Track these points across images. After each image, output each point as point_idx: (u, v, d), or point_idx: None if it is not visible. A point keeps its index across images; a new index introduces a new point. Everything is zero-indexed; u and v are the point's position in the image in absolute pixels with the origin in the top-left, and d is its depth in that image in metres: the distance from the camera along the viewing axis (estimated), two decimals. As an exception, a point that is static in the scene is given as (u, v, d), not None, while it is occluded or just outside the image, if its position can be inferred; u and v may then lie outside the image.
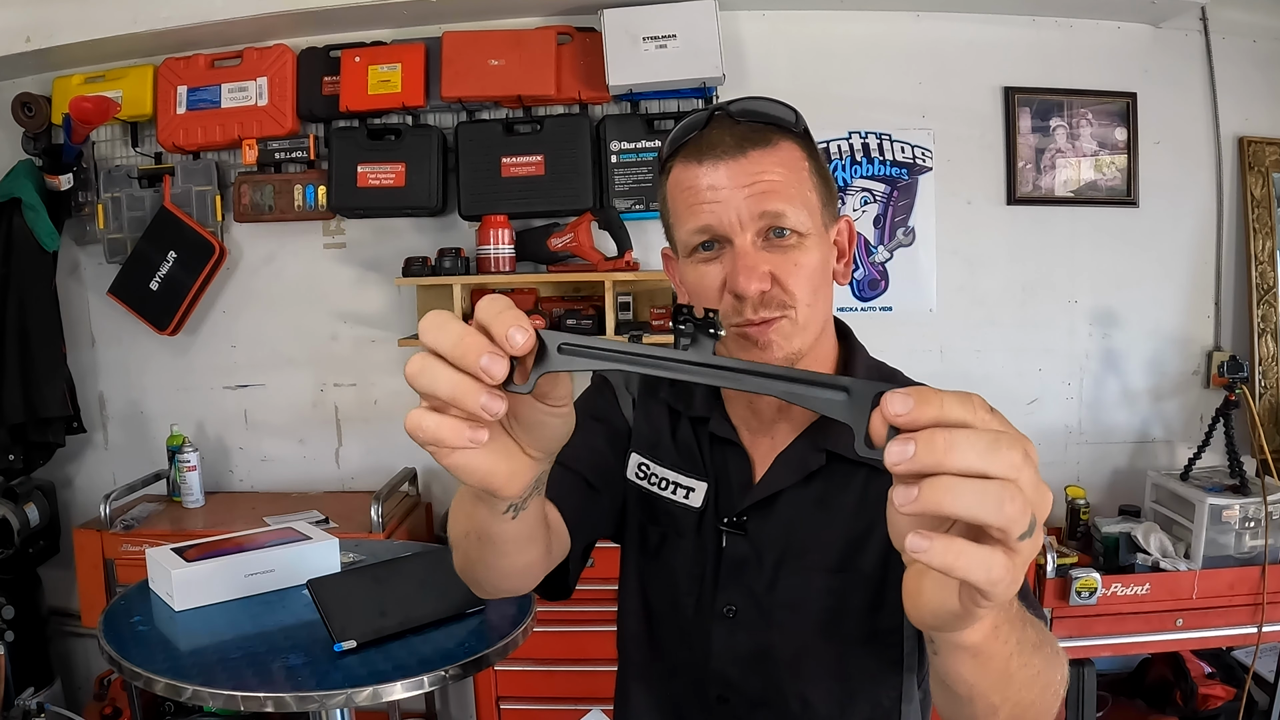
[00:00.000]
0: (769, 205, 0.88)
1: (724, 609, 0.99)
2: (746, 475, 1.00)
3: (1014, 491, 0.46)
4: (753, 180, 0.88)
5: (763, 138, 0.90)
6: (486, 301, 0.57)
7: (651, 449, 1.06)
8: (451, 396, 0.54)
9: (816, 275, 0.91)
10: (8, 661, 2.44)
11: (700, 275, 0.92)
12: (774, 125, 0.91)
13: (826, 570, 0.96)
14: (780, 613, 0.97)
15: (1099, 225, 2.71)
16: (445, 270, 2.55)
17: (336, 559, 1.63)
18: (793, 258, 0.89)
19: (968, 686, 0.66)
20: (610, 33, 2.47)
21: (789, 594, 0.97)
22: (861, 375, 1.00)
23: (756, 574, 0.98)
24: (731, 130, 0.90)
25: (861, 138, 2.68)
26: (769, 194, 0.88)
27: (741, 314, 0.90)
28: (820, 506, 0.96)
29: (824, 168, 0.95)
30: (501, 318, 0.55)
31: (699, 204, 0.90)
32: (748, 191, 0.88)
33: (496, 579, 0.84)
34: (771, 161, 0.89)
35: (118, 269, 2.70)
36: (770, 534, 0.98)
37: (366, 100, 2.55)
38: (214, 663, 1.28)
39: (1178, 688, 2.51)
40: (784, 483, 0.97)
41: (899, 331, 2.70)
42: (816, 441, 0.97)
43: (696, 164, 0.90)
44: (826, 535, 0.96)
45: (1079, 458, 2.78)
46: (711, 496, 1.01)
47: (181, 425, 2.75)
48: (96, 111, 2.41)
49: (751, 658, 0.98)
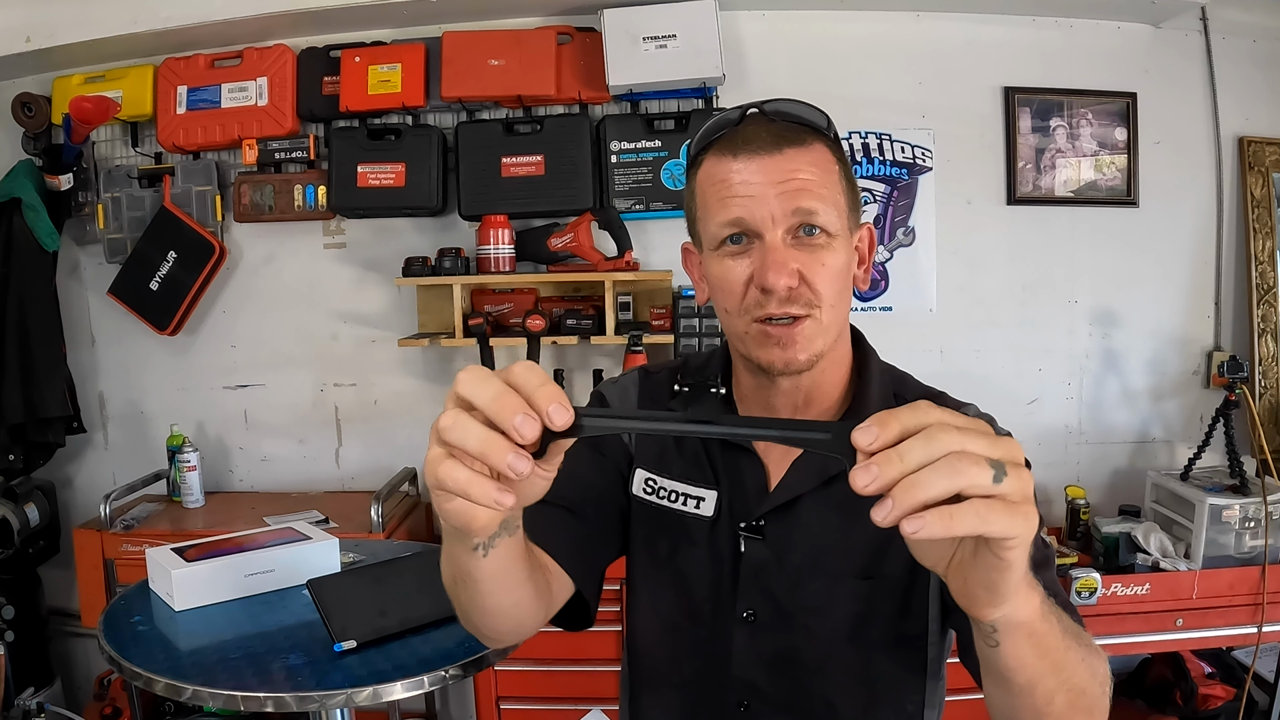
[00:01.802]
0: (802, 202, 0.88)
1: (743, 614, 0.99)
2: (761, 480, 1.00)
3: (962, 456, 0.53)
4: (787, 177, 0.88)
5: (798, 137, 0.90)
6: (525, 370, 0.60)
7: (658, 463, 1.05)
8: (481, 451, 0.57)
9: (842, 277, 0.92)
10: (8, 661, 2.44)
11: (726, 269, 0.92)
12: (808, 126, 0.92)
13: (854, 575, 0.96)
14: (804, 616, 0.97)
15: (1099, 225, 2.71)
16: (445, 270, 2.55)
17: (336, 559, 1.63)
18: (820, 257, 0.90)
19: (1028, 673, 0.70)
20: (610, 33, 2.47)
21: (815, 598, 0.96)
22: (875, 380, 1.01)
23: (777, 577, 0.97)
24: (767, 127, 0.91)
25: (861, 138, 2.68)
26: (803, 191, 0.88)
27: (765, 308, 0.90)
28: (844, 511, 0.96)
29: (851, 174, 0.96)
30: (544, 391, 0.58)
31: (731, 197, 0.90)
32: (782, 188, 0.88)
33: (491, 620, 0.86)
34: (806, 160, 0.89)
35: (118, 269, 2.70)
36: (792, 538, 0.97)
37: (366, 100, 2.55)
38: (214, 663, 1.28)
39: (1178, 688, 2.51)
40: (803, 487, 0.97)
41: (899, 331, 2.70)
42: None
43: (731, 158, 0.90)
44: (853, 540, 0.96)
45: (1079, 458, 2.78)
46: (724, 503, 1.01)
47: (181, 425, 2.75)
48: (96, 111, 2.41)
49: (776, 661, 0.98)
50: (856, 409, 0.98)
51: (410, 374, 2.80)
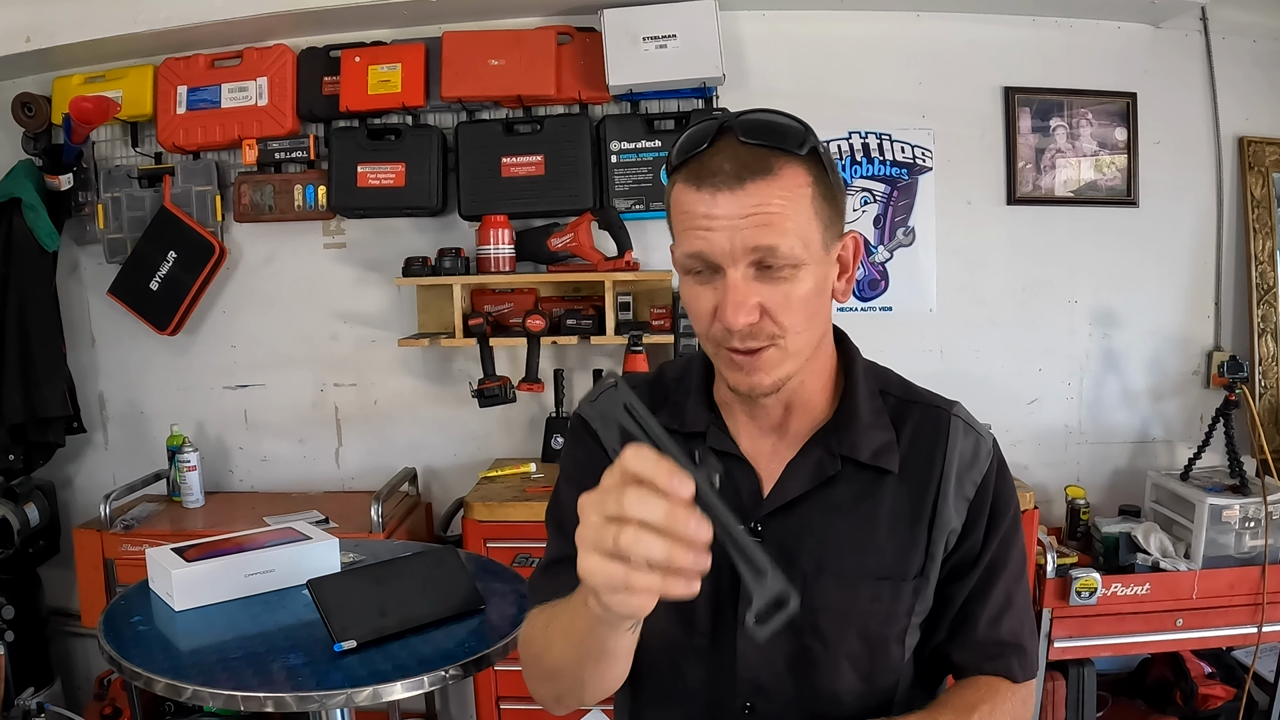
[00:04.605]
0: (762, 240, 0.87)
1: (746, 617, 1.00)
2: (754, 485, 1.00)
3: None
4: (748, 213, 0.87)
5: (764, 165, 0.88)
6: (653, 503, 0.67)
7: None
8: (668, 560, 0.67)
9: (811, 303, 0.91)
10: (8, 661, 2.44)
11: (694, 295, 0.93)
12: (778, 148, 0.89)
13: (868, 575, 0.97)
14: (814, 616, 0.97)
15: (1099, 225, 2.71)
16: (445, 270, 2.55)
17: (336, 559, 1.63)
18: (783, 290, 0.89)
19: None
20: (610, 33, 2.47)
21: (825, 598, 0.97)
22: (860, 382, 1.02)
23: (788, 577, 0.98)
24: (733, 156, 0.88)
25: (861, 138, 2.68)
26: (763, 228, 0.87)
27: (729, 340, 0.91)
28: (849, 512, 0.97)
29: (832, 185, 0.93)
30: (686, 523, 0.67)
31: (693, 229, 0.89)
32: (742, 224, 0.87)
33: (610, 685, 0.95)
34: (769, 193, 0.87)
35: (118, 269, 2.70)
36: (795, 539, 0.98)
37: (366, 100, 2.55)
38: (214, 663, 1.28)
39: (1178, 688, 2.51)
40: (800, 489, 0.98)
41: (899, 331, 2.70)
42: (830, 447, 0.98)
43: (695, 189, 0.89)
44: (863, 541, 0.97)
45: (1079, 458, 2.78)
46: None
47: (181, 425, 2.75)
48: (96, 111, 2.41)
49: (786, 661, 0.99)
50: (844, 412, 0.99)
51: (410, 374, 2.80)
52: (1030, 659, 1.01)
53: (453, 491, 2.79)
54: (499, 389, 2.53)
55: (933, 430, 1.00)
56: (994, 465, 1.01)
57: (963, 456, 0.99)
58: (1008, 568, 1.00)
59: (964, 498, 0.99)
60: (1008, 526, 1.00)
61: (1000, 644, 1.00)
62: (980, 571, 0.99)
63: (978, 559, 0.99)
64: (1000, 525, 1.00)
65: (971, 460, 0.99)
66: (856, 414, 0.99)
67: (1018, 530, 1.02)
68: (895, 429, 1.00)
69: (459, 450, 2.82)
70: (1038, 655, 1.04)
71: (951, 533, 0.99)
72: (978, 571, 0.99)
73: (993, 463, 1.01)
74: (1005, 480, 1.02)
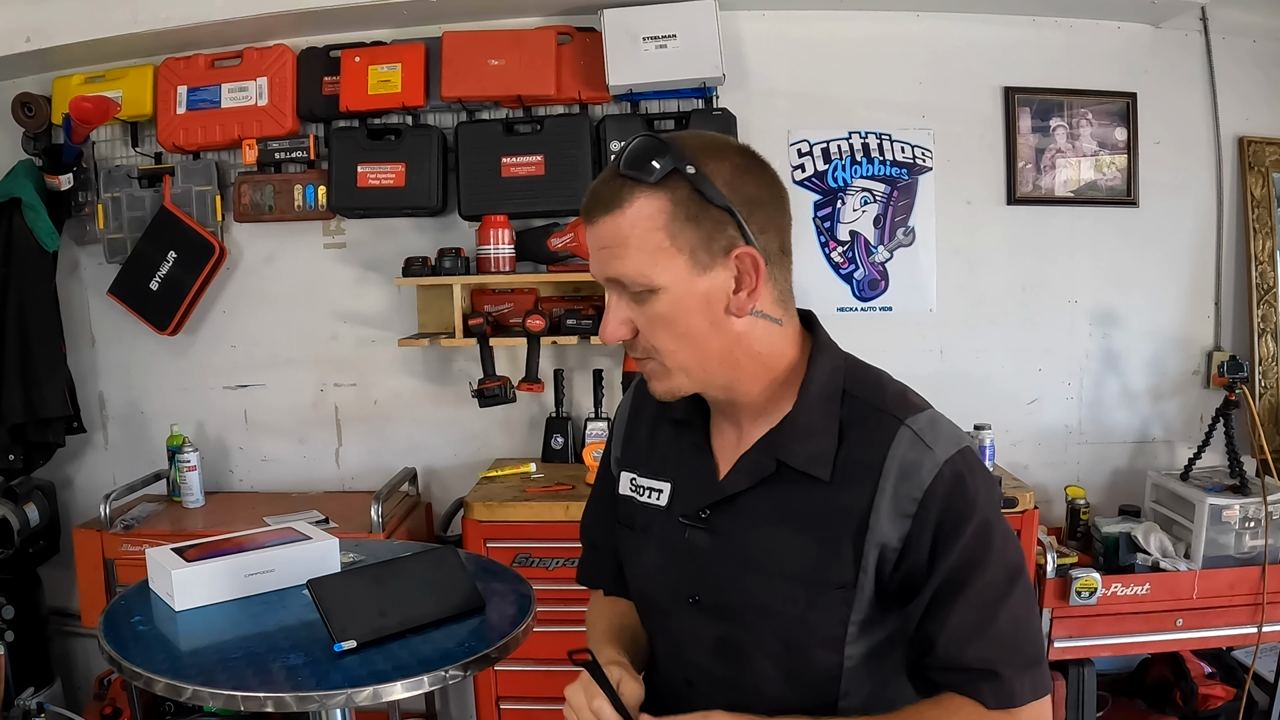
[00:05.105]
0: (609, 271, 0.97)
1: (689, 598, 1.06)
2: (711, 474, 1.06)
3: None
4: (600, 245, 0.97)
5: (615, 199, 0.94)
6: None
7: (634, 464, 1.16)
8: None
9: (677, 323, 0.96)
10: (8, 661, 2.44)
11: None
12: (631, 178, 0.94)
13: (792, 578, 0.98)
14: (741, 608, 1.02)
15: (1099, 225, 2.71)
16: (445, 270, 2.55)
17: (336, 559, 1.63)
18: (646, 311, 0.97)
19: None
20: (610, 33, 2.47)
21: (751, 593, 1.01)
22: (815, 383, 1.01)
23: (720, 567, 1.03)
24: (597, 191, 0.97)
25: (861, 138, 2.68)
26: (610, 260, 0.96)
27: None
28: (781, 513, 1.00)
29: (701, 206, 0.93)
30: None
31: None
32: (599, 255, 0.97)
33: None
34: (613, 226, 0.94)
35: (118, 269, 2.70)
36: (734, 530, 1.03)
37: (366, 100, 2.55)
38: (214, 663, 1.28)
39: (1178, 688, 2.51)
40: (741, 485, 1.02)
41: (899, 331, 2.69)
42: (770, 449, 1.01)
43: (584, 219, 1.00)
44: (794, 544, 0.99)
45: (1079, 458, 2.78)
46: (675, 494, 1.09)
47: (181, 425, 2.75)
48: (96, 111, 2.41)
49: (716, 644, 1.05)
50: (790, 415, 1.01)
51: (410, 374, 2.80)
52: (1009, 688, 0.92)
53: (453, 491, 2.79)
54: (499, 389, 2.54)
55: (878, 440, 0.96)
56: (943, 481, 0.93)
57: (901, 469, 0.94)
58: (972, 589, 0.93)
59: (903, 514, 0.94)
60: (969, 545, 0.93)
61: (964, 669, 0.93)
62: (931, 592, 0.94)
63: (927, 578, 0.94)
64: (954, 544, 0.93)
65: (910, 474, 0.94)
66: (799, 419, 1.00)
67: (990, 549, 0.94)
68: (843, 435, 0.98)
69: (459, 450, 2.82)
70: (1032, 686, 0.94)
71: (887, 547, 0.95)
72: (929, 591, 0.94)
73: (940, 478, 0.93)
74: (960, 496, 0.93)
